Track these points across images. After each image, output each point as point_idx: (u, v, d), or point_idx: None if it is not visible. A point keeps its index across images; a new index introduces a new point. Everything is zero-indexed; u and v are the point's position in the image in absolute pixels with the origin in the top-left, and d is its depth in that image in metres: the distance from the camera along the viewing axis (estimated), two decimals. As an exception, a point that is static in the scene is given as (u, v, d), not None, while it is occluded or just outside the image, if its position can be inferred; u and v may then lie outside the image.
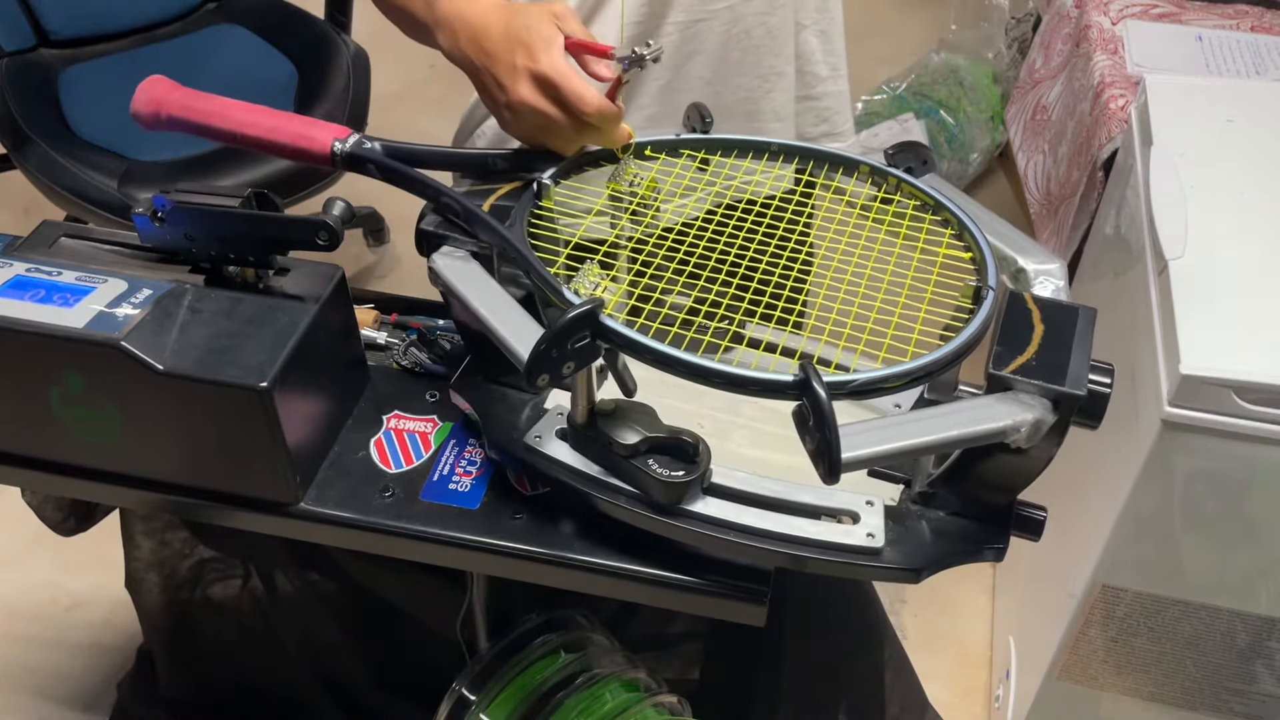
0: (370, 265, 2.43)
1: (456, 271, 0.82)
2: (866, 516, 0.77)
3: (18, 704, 1.62)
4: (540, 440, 0.82)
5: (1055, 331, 0.73)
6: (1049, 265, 0.82)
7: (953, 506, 0.79)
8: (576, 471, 0.80)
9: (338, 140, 0.88)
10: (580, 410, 0.79)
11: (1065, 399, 0.69)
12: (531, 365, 0.69)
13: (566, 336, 0.70)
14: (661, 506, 0.77)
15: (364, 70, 2.02)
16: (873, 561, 0.76)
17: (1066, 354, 0.71)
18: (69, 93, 1.94)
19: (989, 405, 0.70)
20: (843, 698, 1.17)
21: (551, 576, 0.84)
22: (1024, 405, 0.69)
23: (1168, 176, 1.21)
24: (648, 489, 0.77)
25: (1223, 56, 1.61)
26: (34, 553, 1.79)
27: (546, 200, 0.86)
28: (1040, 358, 0.71)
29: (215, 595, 1.24)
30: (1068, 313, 0.75)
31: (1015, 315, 0.75)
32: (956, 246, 0.83)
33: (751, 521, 0.76)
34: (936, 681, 1.55)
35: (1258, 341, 1.04)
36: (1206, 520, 1.13)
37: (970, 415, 0.69)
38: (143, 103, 0.90)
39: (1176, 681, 1.28)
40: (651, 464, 0.76)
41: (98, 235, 0.92)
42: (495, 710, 1.02)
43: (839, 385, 0.68)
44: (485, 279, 0.81)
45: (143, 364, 0.79)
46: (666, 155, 0.93)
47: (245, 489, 0.87)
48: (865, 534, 0.76)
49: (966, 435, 0.69)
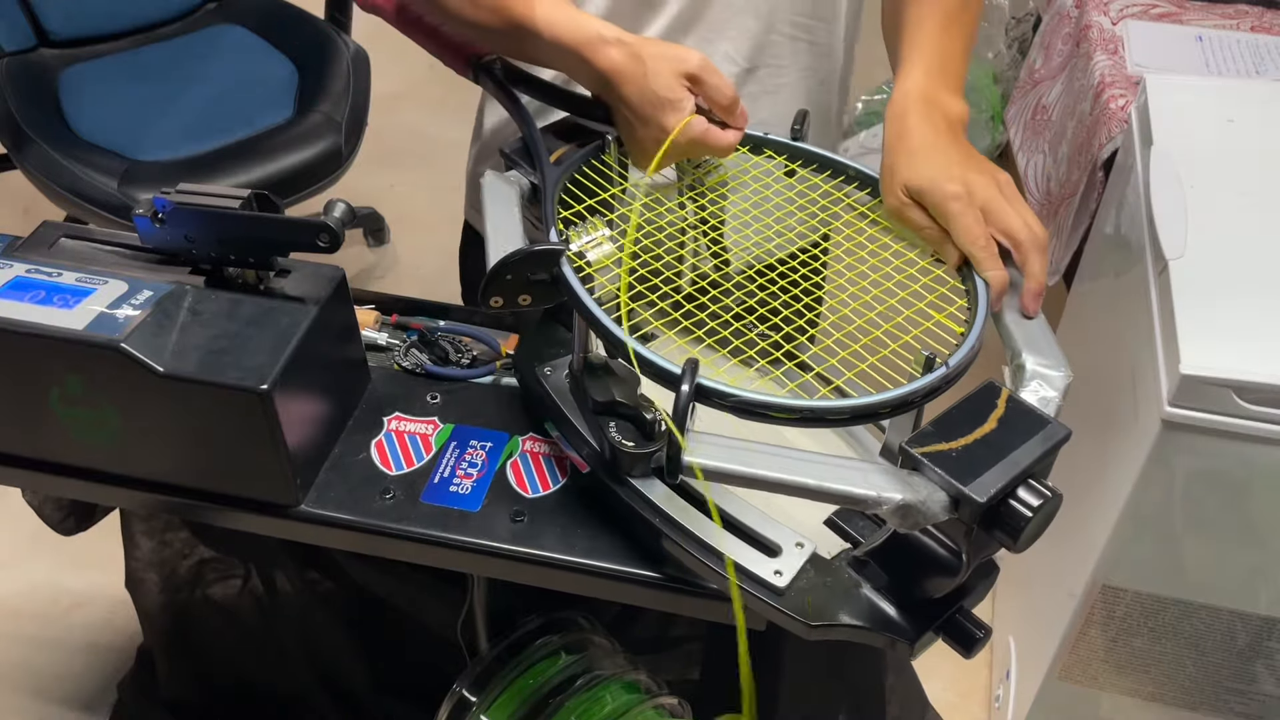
0: (370, 265, 2.43)
1: (494, 186, 0.85)
2: (787, 555, 0.75)
3: (18, 704, 1.62)
4: (548, 375, 0.87)
5: (1003, 435, 0.69)
6: (1052, 372, 0.77)
7: (880, 583, 0.76)
8: (558, 409, 0.84)
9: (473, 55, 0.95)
10: (577, 356, 0.83)
11: (965, 500, 0.65)
12: (487, 281, 0.73)
13: (523, 266, 0.73)
14: (611, 470, 0.79)
15: (364, 70, 2.02)
16: (769, 600, 0.74)
17: (995, 460, 0.67)
18: (69, 93, 1.94)
19: (866, 471, 0.68)
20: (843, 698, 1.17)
21: (552, 579, 0.84)
22: (906, 486, 0.66)
23: (1168, 176, 1.21)
24: (602, 448, 0.79)
25: (1223, 56, 1.61)
26: (34, 553, 1.79)
27: (607, 156, 0.88)
28: (965, 452, 0.67)
29: (215, 595, 1.24)
30: (1032, 422, 0.70)
31: (975, 404, 0.71)
32: (955, 319, 0.80)
33: (677, 516, 0.76)
34: (936, 681, 1.55)
35: (1258, 341, 1.04)
36: (1206, 520, 1.13)
37: (838, 472, 0.68)
38: None
39: (1176, 681, 1.28)
40: (612, 426, 0.78)
41: (98, 236, 0.92)
42: (496, 712, 1.02)
43: (721, 395, 0.68)
44: (512, 201, 0.84)
45: (143, 366, 0.79)
46: (749, 150, 0.94)
47: (245, 490, 0.87)
48: (773, 570, 0.75)
49: (821, 488, 0.67)
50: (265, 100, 1.94)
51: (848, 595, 0.76)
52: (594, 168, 0.88)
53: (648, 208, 0.88)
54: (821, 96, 1.13)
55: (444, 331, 1.00)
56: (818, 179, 0.93)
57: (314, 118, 1.90)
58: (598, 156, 0.88)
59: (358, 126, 1.95)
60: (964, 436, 0.68)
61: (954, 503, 0.66)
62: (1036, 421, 0.70)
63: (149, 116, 1.90)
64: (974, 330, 0.78)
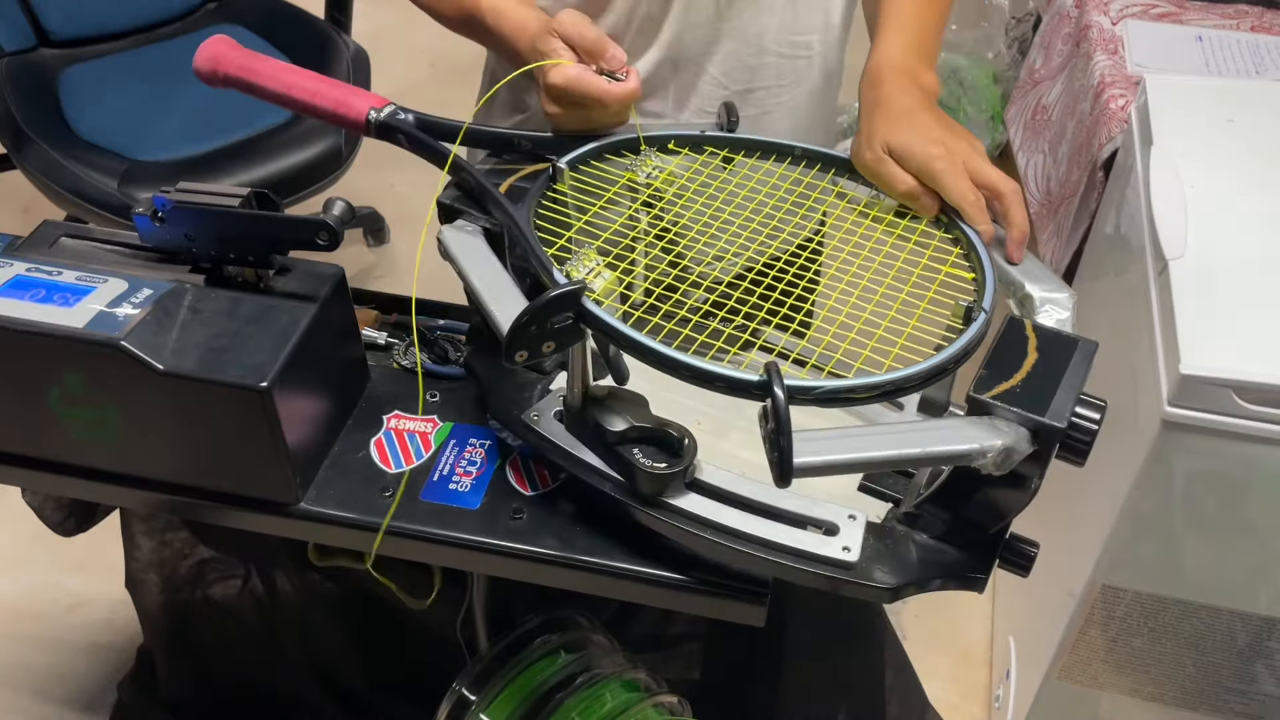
0: (370, 265, 2.43)
1: (460, 242, 0.83)
2: (846, 530, 0.76)
3: (18, 704, 1.62)
4: (537, 419, 0.84)
5: (1048, 362, 0.72)
6: (1057, 294, 0.80)
7: (938, 530, 0.78)
8: (566, 453, 0.81)
9: (373, 109, 0.91)
10: (575, 393, 0.80)
11: (1045, 430, 0.68)
12: (510, 338, 0.70)
13: (547, 314, 0.70)
14: (644, 496, 0.78)
15: (364, 70, 2.02)
16: (846, 575, 0.75)
17: (1054, 385, 0.70)
18: (69, 93, 1.94)
19: (959, 427, 0.69)
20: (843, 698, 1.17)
21: (551, 576, 0.84)
22: (997, 431, 0.68)
23: (1168, 176, 1.21)
24: (632, 477, 0.78)
25: (1223, 56, 1.61)
26: (34, 553, 1.79)
27: (560, 184, 0.87)
28: (1026, 386, 0.70)
29: (215, 595, 1.24)
30: (1065, 344, 0.74)
31: (1009, 341, 0.74)
32: (961, 266, 0.83)
33: (729, 522, 0.76)
34: (936, 681, 1.56)
35: (1258, 341, 1.04)
36: (1206, 520, 1.13)
37: (937, 435, 0.69)
38: (204, 60, 0.94)
39: (1176, 681, 1.28)
40: (636, 453, 0.77)
41: (98, 235, 0.92)
42: (495, 710, 1.02)
43: (804, 390, 0.67)
44: (486, 252, 0.82)
45: (143, 364, 0.79)
46: (690, 150, 0.93)
47: (245, 489, 0.87)
48: (841, 547, 0.75)
49: (928, 454, 0.68)
50: (265, 100, 1.94)
51: (910, 551, 0.77)
52: (551, 199, 0.87)
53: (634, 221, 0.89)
54: (820, 107, 1.13)
55: (443, 330, 1.00)
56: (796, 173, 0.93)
57: (314, 118, 1.90)
58: (551, 187, 0.87)
59: (357, 126, 1.94)
60: (1017, 373, 0.71)
61: (1033, 434, 0.69)
62: (1069, 343, 0.74)
63: (149, 116, 1.90)
64: (987, 274, 0.80)
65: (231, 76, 0.94)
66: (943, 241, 0.86)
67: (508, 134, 0.93)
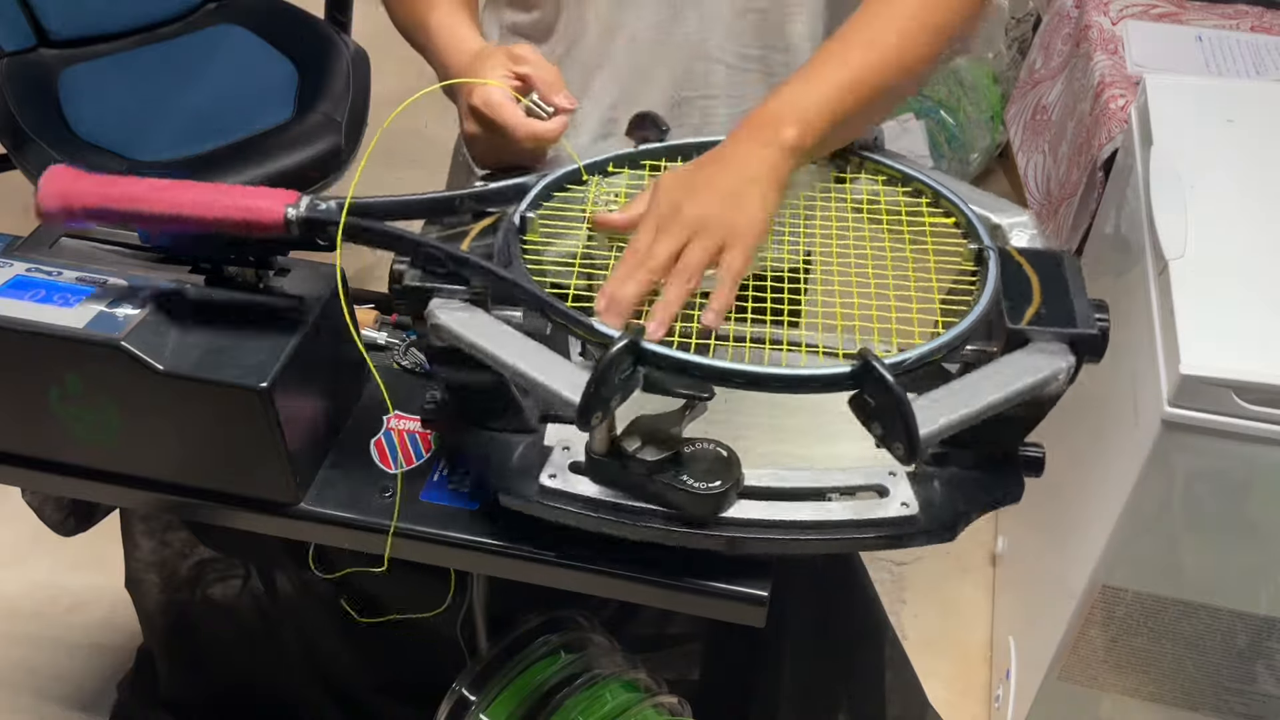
0: (370, 265, 2.42)
1: (465, 323, 0.74)
2: (894, 488, 0.77)
3: (18, 704, 1.62)
4: (556, 479, 0.78)
5: (1049, 279, 0.76)
6: (1019, 217, 0.83)
7: (965, 462, 0.80)
8: (602, 503, 0.77)
9: (289, 206, 0.77)
10: (600, 438, 0.76)
11: (1081, 340, 0.72)
12: (584, 408, 0.67)
13: (612, 372, 0.67)
14: (697, 519, 0.75)
15: (364, 70, 2.02)
16: (911, 529, 0.76)
17: (1068, 298, 0.74)
18: (69, 93, 1.94)
19: (1022, 360, 0.71)
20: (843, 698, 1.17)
21: (551, 577, 0.84)
22: (1050, 353, 0.71)
23: (1168, 176, 1.21)
24: (681, 505, 0.75)
25: (1223, 56, 1.61)
26: (34, 553, 1.79)
27: (532, 234, 0.83)
28: (1048, 306, 0.73)
29: (215, 595, 1.24)
30: (1053, 259, 0.77)
31: (1010, 272, 0.77)
32: (937, 214, 0.84)
33: (790, 516, 0.76)
34: (936, 681, 1.55)
35: (1258, 341, 1.04)
36: (1206, 520, 1.13)
37: (1013, 371, 0.71)
38: (48, 197, 0.79)
39: (1176, 681, 1.28)
40: (685, 479, 0.74)
41: (98, 235, 0.92)
42: (495, 710, 1.02)
43: (896, 368, 0.68)
44: (499, 326, 0.75)
45: (143, 364, 0.79)
46: (630, 169, 0.91)
47: (245, 489, 0.87)
48: (900, 504, 0.76)
49: (1017, 391, 0.70)
50: (265, 100, 1.94)
51: (950, 489, 0.79)
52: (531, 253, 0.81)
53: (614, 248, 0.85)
54: None
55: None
56: None
57: (314, 118, 1.90)
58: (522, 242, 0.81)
59: (358, 126, 1.94)
60: (1031, 299, 0.74)
61: (1070, 346, 0.72)
62: (1054, 257, 0.78)
63: (149, 116, 1.90)
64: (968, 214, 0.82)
65: (93, 208, 0.78)
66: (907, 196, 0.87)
67: (447, 196, 0.85)
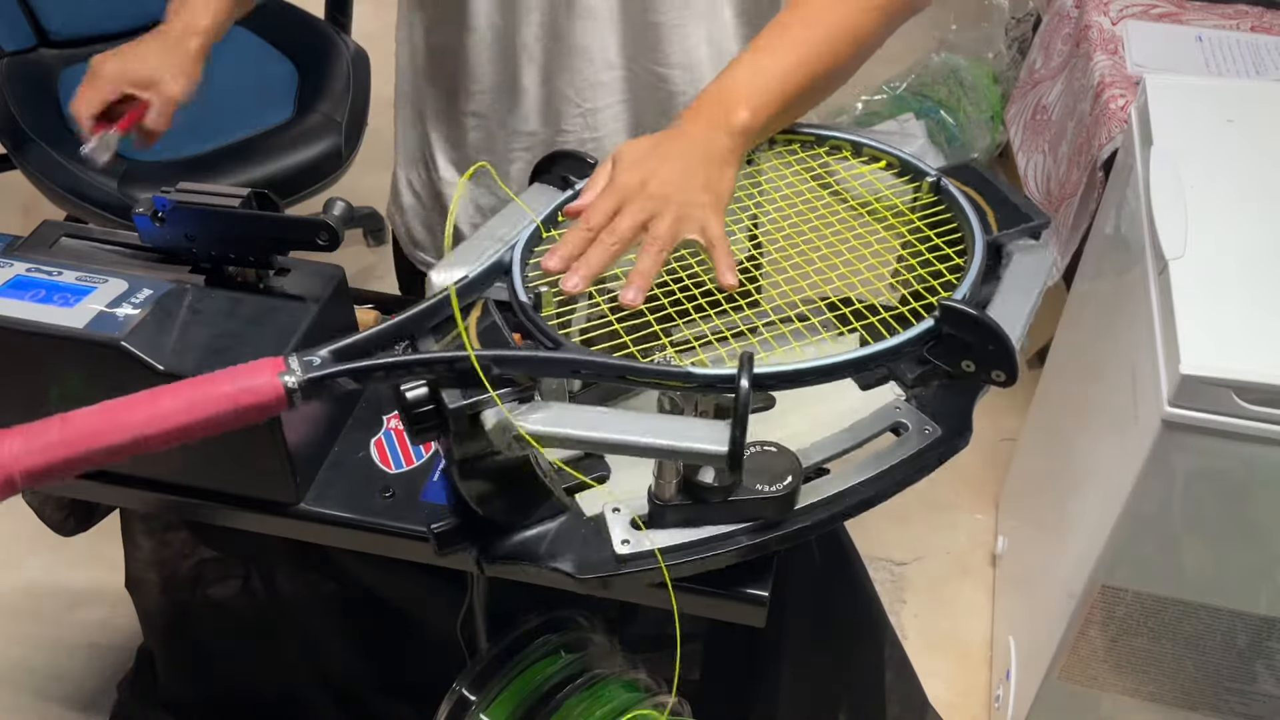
0: (370, 265, 2.42)
1: (558, 421, 0.68)
2: (911, 421, 0.79)
3: (18, 704, 1.62)
4: (630, 543, 0.75)
5: (982, 188, 0.85)
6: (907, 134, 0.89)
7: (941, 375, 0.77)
8: (688, 545, 0.75)
9: (280, 374, 0.67)
10: (668, 483, 0.74)
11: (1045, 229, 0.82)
12: (734, 453, 0.66)
13: (747, 414, 0.66)
14: (774, 522, 0.75)
15: (364, 70, 2.02)
16: (944, 447, 0.78)
17: (1005, 195, 0.83)
18: (69, 93, 1.93)
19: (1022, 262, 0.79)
20: (843, 698, 1.17)
21: (551, 576, 0.83)
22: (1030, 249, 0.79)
23: (1168, 176, 1.21)
24: (761, 512, 0.75)
25: (1223, 56, 1.61)
26: (34, 553, 1.79)
27: (547, 307, 0.79)
28: (999, 212, 0.82)
29: (215, 595, 1.24)
30: (971, 172, 0.87)
31: (947, 199, 0.84)
32: (872, 163, 0.88)
33: (854, 482, 0.76)
34: (936, 681, 1.55)
35: (1258, 341, 1.04)
36: (1206, 520, 1.13)
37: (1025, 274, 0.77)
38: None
39: (1176, 681, 1.28)
40: (758, 487, 0.73)
41: (98, 235, 0.92)
42: (495, 710, 1.02)
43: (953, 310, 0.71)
44: (590, 410, 0.71)
45: (143, 364, 0.79)
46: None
47: (246, 489, 0.87)
48: (923, 431, 0.78)
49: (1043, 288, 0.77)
50: (265, 100, 1.94)
51: (948, 401, 0.81)
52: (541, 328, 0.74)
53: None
54: None
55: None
56: None
57: (314, 118, 1.90)
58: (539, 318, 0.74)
59: (358, 126, 1.95)
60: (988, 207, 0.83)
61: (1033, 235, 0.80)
62: (969, 171, 0.88)
63: (149, 116, 1.90)
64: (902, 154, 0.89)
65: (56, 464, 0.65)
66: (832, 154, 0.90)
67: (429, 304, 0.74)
